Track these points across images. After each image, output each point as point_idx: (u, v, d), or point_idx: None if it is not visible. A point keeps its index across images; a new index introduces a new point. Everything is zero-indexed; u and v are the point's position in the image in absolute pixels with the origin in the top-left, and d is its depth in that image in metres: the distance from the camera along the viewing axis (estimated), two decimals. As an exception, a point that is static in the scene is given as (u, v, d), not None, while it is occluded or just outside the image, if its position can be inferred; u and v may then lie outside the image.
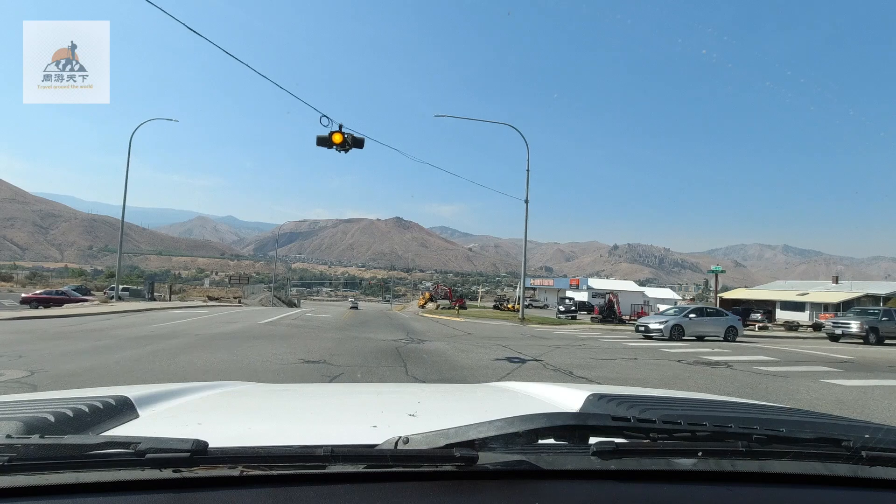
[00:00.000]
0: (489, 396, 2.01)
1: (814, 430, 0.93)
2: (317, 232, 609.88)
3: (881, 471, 0.88)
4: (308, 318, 22.13)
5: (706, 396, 1.80)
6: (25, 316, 17.66)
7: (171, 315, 20.01)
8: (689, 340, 18.52)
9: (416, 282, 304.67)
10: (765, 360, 11.92)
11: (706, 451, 0.85)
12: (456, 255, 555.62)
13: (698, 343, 17.61)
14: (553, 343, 14.63)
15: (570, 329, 23.16)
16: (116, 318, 17.36)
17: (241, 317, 20.61)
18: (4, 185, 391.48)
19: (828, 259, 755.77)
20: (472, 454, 0.78)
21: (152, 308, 24.47)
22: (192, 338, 11.56)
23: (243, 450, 0.79)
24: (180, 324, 15.55)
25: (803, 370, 10.42)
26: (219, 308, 29.79)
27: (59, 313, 18.67)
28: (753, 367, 10.61)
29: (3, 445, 0.75)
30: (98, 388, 2.00)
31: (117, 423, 1.12)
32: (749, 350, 14.92)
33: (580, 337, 17.89)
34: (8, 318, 15.96)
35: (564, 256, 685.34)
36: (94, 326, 14.05)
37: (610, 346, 14.81)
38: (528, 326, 23.42)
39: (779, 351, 14.99)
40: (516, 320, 26.91)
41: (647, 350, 13.70)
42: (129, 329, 13.32)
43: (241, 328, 14.83)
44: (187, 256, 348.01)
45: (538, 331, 20.59)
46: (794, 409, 1.48)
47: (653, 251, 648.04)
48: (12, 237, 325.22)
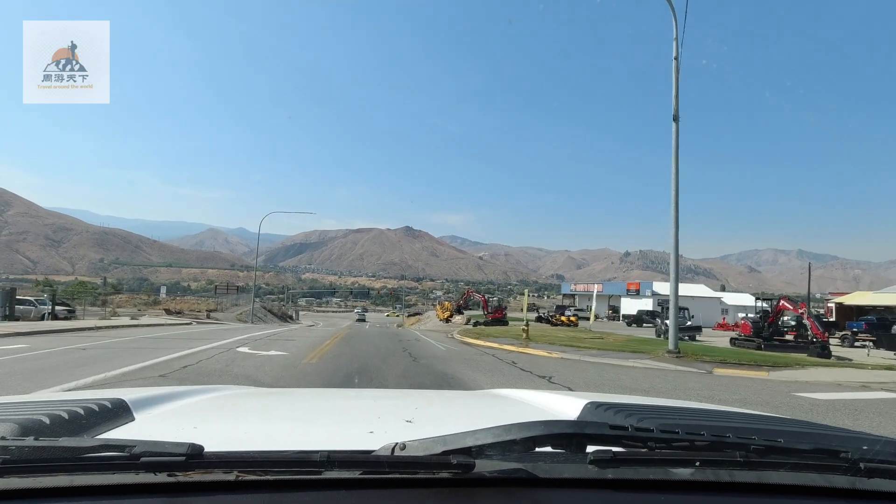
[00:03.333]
0: (487, 403, 2.03)
1: (812, 441, 0.93)
2: (326, 242, 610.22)
3: (880, 483, 0.87)
4: (244, 354, 12.42)
5: (705, 406, 1.84)
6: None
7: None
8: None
9: (427, 291, 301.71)
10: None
11: (704, 461, 0.84)
12: (466, 263, 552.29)
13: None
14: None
15: (822, 376, 11.59)
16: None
17: (81, 358, 11.12)
18: (18, 199, 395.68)
19: (844, 263, 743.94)
20: (468, 461, 0.78)
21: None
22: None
23: (239, 454, 0.78)
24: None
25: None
26: (139, 331, 20.58)
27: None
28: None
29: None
30: (94, 390, 1.89)
31: (113, 426, 1.12)
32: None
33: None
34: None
35: (575, 264, 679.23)
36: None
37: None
38: (697, 368, 12.20)
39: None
40: (642, 351, 15.23)
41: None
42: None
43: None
44: (197, 268, 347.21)
45: (741, 383, 10.41)
46: (792, 419, 1.48)
47: (665, 257, 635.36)
48: (25, 251, 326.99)
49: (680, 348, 14.22)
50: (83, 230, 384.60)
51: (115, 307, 47.43)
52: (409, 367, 11.03)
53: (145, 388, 1.67)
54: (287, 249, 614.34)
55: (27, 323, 23.38)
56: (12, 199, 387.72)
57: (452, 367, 11.27)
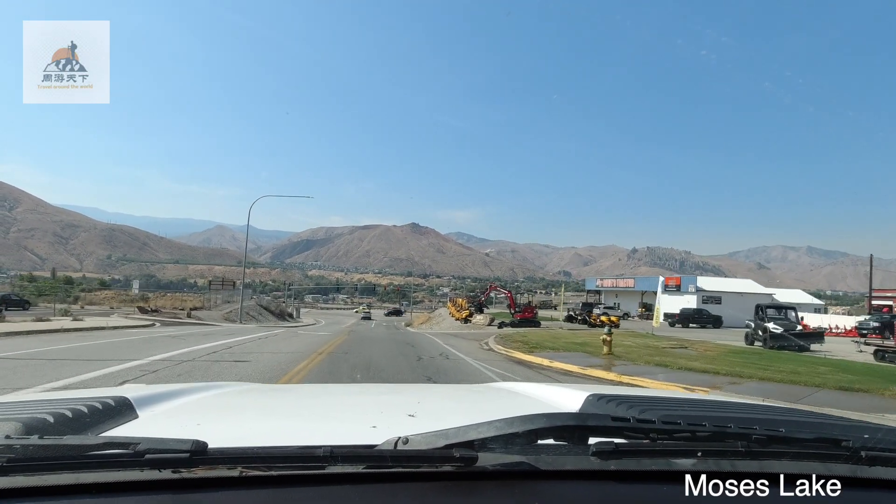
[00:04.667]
0: (489, 397, 2.05)
1: (813, 431, 0.93)
2: (333, 239, 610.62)
3: (881, 471, 0.88)
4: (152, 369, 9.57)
5: (707, 397, 1.85)
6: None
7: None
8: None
9: (434, 287, 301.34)
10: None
11: (706, 452, 0.85)
12: (473, 260, 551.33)
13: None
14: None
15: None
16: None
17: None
18: (26, 196, 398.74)
19: (854, 260, 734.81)
20: (471, 454, 0.78)
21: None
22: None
23: (242, 450, 0.79)
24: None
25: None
26: (44, 340, 14.93)
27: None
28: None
29: (2, 446, 0.75)
30: (97, 388, 1.94)
31: (116, 424, 1.13)
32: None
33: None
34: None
35: (582, 261, 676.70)
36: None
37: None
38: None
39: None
40: (856, 388, 8.87)
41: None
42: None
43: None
44: (204, 265, 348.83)
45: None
46: (794, 409, 1.50)
47: (673, 254, 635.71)
48: (33, 247, 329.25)
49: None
50: (91, 227, 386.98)
51: (84, 304, 44.21)
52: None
53: (148, 386, 1.68)
54: (294, 246, 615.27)
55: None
56: (21, 196, 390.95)
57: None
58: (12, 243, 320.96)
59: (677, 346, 17.31)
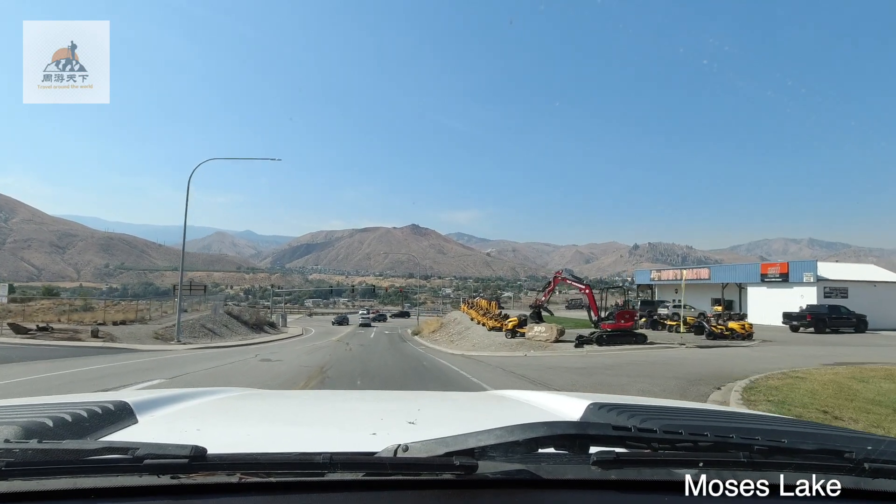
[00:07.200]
0: (489, 405, 2.04)
1: (816, 442, 0.92)
2: (333, 243, 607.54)
3: (884, 483, 0.87)
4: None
5: (709, 407, 1.82)
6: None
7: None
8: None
9: (436, 289, 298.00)
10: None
11: (707, 462, 0.84)
12: (474, 260, 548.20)
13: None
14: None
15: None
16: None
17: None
18: (23, 206, 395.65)
19: (857, 251, 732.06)
20: (471, 462, 0.77)
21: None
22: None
23: (242, 456, 0.79)
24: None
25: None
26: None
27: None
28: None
29: (1, 450, 0.75)
30: (97, 393, 2.05)
31: (116, 429, 1.13)
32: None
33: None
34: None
35: (584, 258, 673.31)
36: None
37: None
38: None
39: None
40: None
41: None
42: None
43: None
44: (203, 271, 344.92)
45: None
46: (797, 420, 1.48)
47: (675, 249, 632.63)
48: (29, 258, 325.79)
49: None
50: (88, 236, 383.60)
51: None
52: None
53: (148, 391, 1.68)
54: (294, 250, 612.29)
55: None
56: (17, 207, 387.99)
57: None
58: (8, 254, 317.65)
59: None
